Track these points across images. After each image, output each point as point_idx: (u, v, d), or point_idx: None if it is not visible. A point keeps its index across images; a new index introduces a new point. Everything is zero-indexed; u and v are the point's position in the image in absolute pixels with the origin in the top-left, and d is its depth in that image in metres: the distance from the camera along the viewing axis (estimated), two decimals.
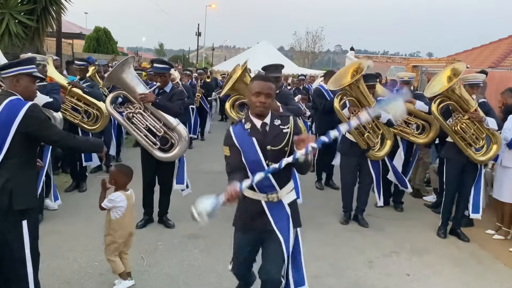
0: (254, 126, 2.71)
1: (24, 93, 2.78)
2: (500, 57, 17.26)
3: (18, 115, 2.65)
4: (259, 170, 2.50)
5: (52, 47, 13.25)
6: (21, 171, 2.72)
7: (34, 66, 2.83)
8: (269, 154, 2.66)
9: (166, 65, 4.69)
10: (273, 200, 2.75)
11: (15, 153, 2.69)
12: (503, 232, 5.03)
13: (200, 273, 3.80)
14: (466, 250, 4.69)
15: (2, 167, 2.66)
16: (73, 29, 20.06)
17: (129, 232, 3.45)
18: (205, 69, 14.39)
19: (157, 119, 4.46)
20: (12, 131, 2.64)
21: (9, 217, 2.67)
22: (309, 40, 47.25)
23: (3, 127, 2.65)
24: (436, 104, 4.92)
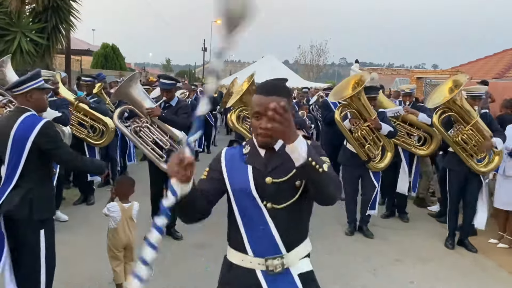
0: (254, 152, 1.86)
1: (37, 107, 2.93)
2: (504, 68, 17.34)
3: (33, 131, 2.79)
4: (253, 214, 1.79)
5: (61, 64, 13.55)
6: (39, 183, 2.87)
7: (42, 79, 2.97)
8: (269, 190, 1.76)
9: (172, 81, 4.83)
10: (274, 269, 1.78)
11: (32, 166, 2.83)
12: (506, 241, 5.06)
13: (208, 281, 3.87)
14: (470, 259, 4.72)
15: (21, 180, 2.81)
16: (81, 45, 20.46)
17: (123, 244, 3.51)
18: None
19: (163, 133, 4.58)
20: (28, 147, 2.78)
21: (28, 226, 2.81)
22: (313, 53, 47.62)
23: (20, 143, 2.79)
24: (437, 115, 5.00)
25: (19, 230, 2.82)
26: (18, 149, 2.79)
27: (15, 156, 2.80)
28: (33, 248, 2.83)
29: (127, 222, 3.53)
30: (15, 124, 2.80)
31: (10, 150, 2.81)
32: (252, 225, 1.81)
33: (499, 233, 5.20)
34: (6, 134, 2.81)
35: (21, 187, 2.81)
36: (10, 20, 8.22)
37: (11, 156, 2.81)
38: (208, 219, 6.25)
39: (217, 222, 5.76)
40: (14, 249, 2.87)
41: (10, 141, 2.80)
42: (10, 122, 2.83)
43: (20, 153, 2.79)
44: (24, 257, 2.85)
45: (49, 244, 2.90)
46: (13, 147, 2.80)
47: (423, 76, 16.21)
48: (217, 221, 5.95)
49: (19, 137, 2.79)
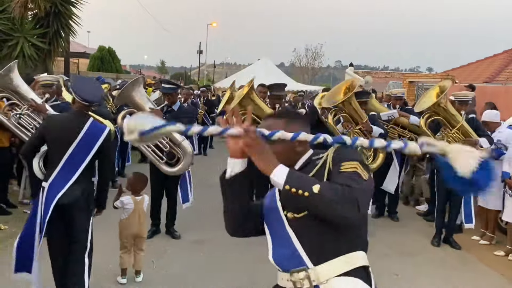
0: None
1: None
2: (494, 72, 17.70)
3: (102, 135, 3.24)
4: (273, 220, 1.71)
5: (59, 67, 13.75)
6: (90, 179, 3.36)
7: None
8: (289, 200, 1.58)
9: (173, 86, 5.04)
10: (301, 286, 1.59)
11: (90, 165, 3.26)
12: (488, 238, 5.37)
13: (206, 274, 4.14)
14: (453, 254, 5.02)
15: (82, 175, 3.21)
16: (77, 48, 20.64)
17: (133, 233, 3.85)
18: (208, 86, 14.86)
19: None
20: (95, 149, 3.21)
21: (85, 216, 3.28)
22: (308, 56, 48.07)
23: (88, 144, 3.20)
24: (424, 119, 5.29)
25: (77, 219, 3.23)
26: (85, 149, 3.18)
27: (79, 155, 3.18)
28: (85, 233, 3.28)
29: (139, 214, 3.85)
30: (83, 127, 3.19)
31: (75, 148, 3.16)
32: (276, 238, 1.70)
33: (481, 230, 5.50)
34: (73, 134, 3.17)
35: (81, 182, 3.20)
36: (13, 25, 8.46)
37: (74, 154, 3.17)
38: (205, 216, 6.64)
39: (214, 219, 6.07)
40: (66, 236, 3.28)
41: (77, 141, 3.16)
42: (78, 124, 3.20)
43: (87, 153, 3.19)
44: (78, 241, 3.26)
45: (92, 229, 3.36)
46: (79, 146, 3.17)
47: (415, 80, 16.55)
48: (213, 218, 6.29)
49: (89, 139, 3.19)
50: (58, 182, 3.17)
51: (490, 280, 4.40)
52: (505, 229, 5.29)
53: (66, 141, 3.17)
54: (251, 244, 5.06)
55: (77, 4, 9.19)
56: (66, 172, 3.18)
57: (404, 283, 4.18)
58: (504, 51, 19.68)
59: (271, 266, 1.97)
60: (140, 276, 3.93)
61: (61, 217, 3.22)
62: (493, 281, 4.38)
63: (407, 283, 4.19)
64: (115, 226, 4.30)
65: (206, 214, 5.91)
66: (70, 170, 3.18)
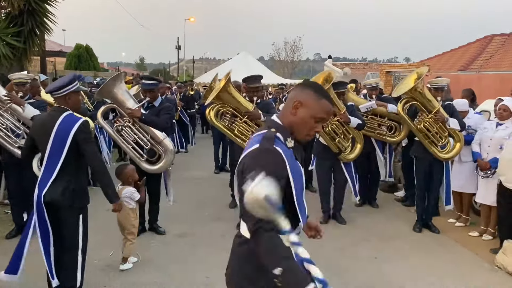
0: (297, 146, 1.89)
1: (74, 107, 3.33)
2: (468, 61, 18.10)
3: (73, 127, 3.19)
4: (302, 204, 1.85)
5: (35, 66, 13.52)
6: (78, 175, 3.30)
7: (77, 83, 3.36)
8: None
9: (154, 81, 4.95)
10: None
11: (71, 160, 3.22)
12: (463, 220, 5.59)
13: (190, 266, 4.22)
14: (430, 236, 5.22)
15: (62, 172, 3.20)
16: (53, 46, 20.21)
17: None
18: (190, 81, 14.80)
19: (145, 132, 4.66)
20: (69, 141, 3.17)
21: (70, 214, 3.25)
22: (287, 49, 48.21)
23: (61, 138, 3.18)
24: (401, 104, 5.40)
25: (61, 216, 3.24)
26: (60, 144, 3.18)
27: (56, 150, 3.18)
28: (73, 231, 3.26)
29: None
30: (57, 121, 3.18)
31: (52, 145, 3.19)
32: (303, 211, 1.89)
33: (457, 213, 5.72)
34: (48, 131, 3.19)
35: (62, 178, 3.19)
36: None
37: (52, 151, 3.19)
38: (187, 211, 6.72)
39: (195, 214, 6.19)
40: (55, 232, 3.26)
41: (52, 137, 3.17)
42: (52, 120, 3.20)
43: (62, 147, 3.18)
44: (65, 239, 3.27)
45: (85, 227, 3.33)
46: (54, 142, 3.18)
47: (392, 70, 16.85)
48: (197, 212, 6.38)
49: (61, 133, 3.18)
50: (43, 180, 3.21)
51: (465, 259, 4.60)
52: (479, 210, 5.51)
53: (46, 138, 3.20)
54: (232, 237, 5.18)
55: (52, 1, 9.03)
56: (49, 169, 3.21)
57: (383, 264, 4.34)
58: (477, 39, 20.12)
59: None
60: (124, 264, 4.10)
61: (48, 215, 3.23)
62: (468, 260, 4.58)
63: (386, 264, 4.35)
64: (101, 223, 4.36)
65: (189, 209, 6.00)
66: (52, 167, 3.20)
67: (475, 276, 4.19)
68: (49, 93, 3.36)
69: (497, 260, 4.38)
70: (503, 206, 4.68)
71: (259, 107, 5.15)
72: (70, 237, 3.28)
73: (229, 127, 5.14)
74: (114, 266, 4.15)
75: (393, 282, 3.94)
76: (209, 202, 6.37)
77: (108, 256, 4.38)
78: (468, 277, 4.15)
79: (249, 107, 5.07)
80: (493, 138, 5.01)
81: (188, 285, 3.85)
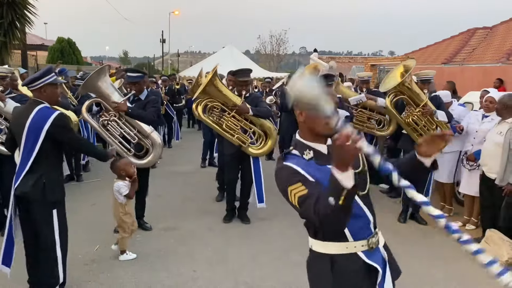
0: (318, 152, 1.91)
1: (50, 100, 3.25)
2: (452, 53, 18.33)
3: (47, 121, 3.11)
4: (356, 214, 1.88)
5: (16, 60, 13.27)
6: (51, 168, 3.23)
7: (54, 75, 3.28)
8: (362, 199, 1.96)
9: (139, 74, 4.86)
10: (374, 246, 1.96)
11: (45, 153, 3.16)
12: (446, 210, 5.68)
13: (176, 259, 4.21)
14: (415, 227, 5.30)
15: (35, 165, 3.14)
16: (34, 40, 19.85)
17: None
18: (173, 75, 14.65)
19: (131, 126, 4.56)
20: (42, 135, 3.11)
21: (42, 207, 3.17)
22: (273, 43, 48.15)
23: (35, 132, 3.12)
24: (389, 98, 5.44)
25: (34, 210, 3.16)
26: (33, 138, 3.12)
27: (29, 144, 3.13)
28: (47, 226, 3.19)
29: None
30: (30, 114, 3.12)
31: (25, 138, 3.14)
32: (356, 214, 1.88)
33: (441, 203, 5.81)
34: (22, 124, 3.14)
35: (34, 171, 3.14)
36: None
37: (26, 144, 3.14)
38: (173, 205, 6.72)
39: (182, 208, 6.18)
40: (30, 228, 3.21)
41: (26, 130, 3.12)
42: (26, 113, 3.13)
43: (35, 141, 3.11)
44: (39, 234, 3.20)
45: (61, 222, 3.27)
46: (28, 135, 3.13)
47: (377, 63, 17.00)
48: (181, 207, 6.37)
49: (34, 127, 3.12)
50: (18, 174, 3.18)
51: (449, 248, 4.67)
52: (463, 201, 5.61)
53: (21, 131, 3.16)
54: (219, 230, 5.22)
55: None
56: (23, 162, 3.17)
57: None
58: (460, 33, 20.39)
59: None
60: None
61: (22, 209, 3.20)
62: (451, 249, 4.66)
63: None
64: (85, 218, 4.30)
65: (175, 203, 5.97)
66: (26, 160, 3.15)
67: (458, 264, 4.27)
68: (25, 85, 3.30)
69: None
70: (485, 196, 4.76)
71: (248, 101, 5.11)
72: (44, 232, 3.20)
73: (217, 121, 5.10)
74: (99, 261, 4.12)
75: None
76: (195, 196, 6.35)
77: (93, 251, 4.34)
78: (451, 266, 4.22)
79: (237, 101, 5.02)
80: (479, 130, 5.08)
81: (174, 279, 3.84)
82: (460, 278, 3.99)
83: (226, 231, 5.02)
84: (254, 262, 4.19)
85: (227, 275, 3.89)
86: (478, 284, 3.87)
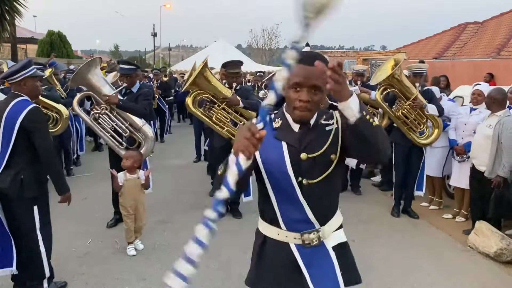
0: (286, 125, 1.77)
1: (31, 93, 3.17)
2: (443, 48, 18.43)
3: (21, 114, 3.01)
4: (286, 190, 1.74)
5: (6, 53, 13.10)
6: (29, 164, 3.10)
7: (33, 68, 3.19)
8: (304, 166, 1.72)
9: (131, 66, 4.80)
10: (311, 243, 1.78)
11: (22, 148, 3.06)
12: (436, 203, 5.75)
13: (170, 251, 4.22)
14: (406, 220, 5.36)
15: (12, 161, 3.05)
16: (24, 33, 19.62)
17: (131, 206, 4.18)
18: (164, 68, 14.57)
19: (123, 120, 4.51)
20: (16, 129, 3.01)
21: (21, 204, 3.08)
22: (265, 37, 48.03)
23: (9, 125, 3.03)
24: (379, 91, 5.42)
25: (12, 207, 3.08)
26: (8, 131, 3.03)
27: (5, 138, 3.04)
28: (28, 223, 3.10)
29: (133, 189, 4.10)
30: (7, 107, 3.04)
31: (2, 132, 3.05)
32: (286, 201, 1.77)
33: (430, 197, 5.87)
34: (2, 115, 3.04)
35: (11, 167, 3.05)
36: None
37: (3, 138, 3.06)
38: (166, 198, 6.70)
39: (176, 201, 6.17)
40: (12, 224, 3.11)
41: (2, 124, 3.04)
42: (4, 106, 3.05)
43: (10, 135, 3.03)
44: (21, 232, 3.11)
45: (43, 219, 3.18)
46: (4, 129, 3.05)
47: (369, 58, 17.04)
48: (176, 200, 6.36)
49: (9, 120, 3.03)
50: None
51: (439, 240, 4.75)
52: (453, 194, 5.68)
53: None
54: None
55: None
56: (0, 158, 3.08)
57: (361, 246, 4.43)
58: (451, 27, 20.49)
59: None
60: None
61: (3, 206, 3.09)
62: (442, 241, 4.73)
63: (363, 246, 4.45)
64: (78, 212, 4.28)
65: (167, 197, 5.97)
66: (3, 155, 3.06)
67: (449, 256, 4.33)
68: (4, 79, 3.24)
69: (469, 241, 4.54)
70: (475, 188, 4.82)
71: (238, 93, 5.10)
72: (25, 229, 3.12)
73: (207, 114, 5.08)
74: (92, 254, 4.13)
75: (368, 263, 4.01)
76: (188, 190, 6.35)
77: (86, 245, 4.34)
78: (441, 258, 4.28)
79: (227, 93, 5.01)
80: (467, 123, 5.14)
81: (168, 271, 3.83)
82: (450, 271, 4.04)
83: (219, 225, 5.02)
84: (246, 254, 4.20)
85: (220, 267, 3.90)
86: (467, 276, 3.93)
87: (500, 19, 17.62)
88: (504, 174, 4.28)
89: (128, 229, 4.11)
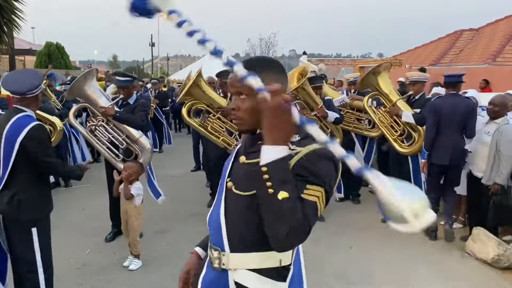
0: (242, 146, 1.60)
1: (37, 107, 3.05)
2: (439, 55, 18.56)
3: (22, 133, 2.80)
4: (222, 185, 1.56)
5: (4, 65, 13.17)
6: (30, 185, 2.89)
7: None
8: (238, 170, 1.51)
9: (128, 78, 4.77)
10: (213, 262, 1.52)
11: (22, 167, 2.85)
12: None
13: (169, 261, 4.21)
14: None
15: (10, 181, 2.85)
16: (22, 45, 19.76)
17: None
18: (161, 78, 14.61)
19: (120, 131, 4.46)
20: (16, 148, 2.80)
21: (19, 226, 2.88)
22: (262, 46, 48.30)
23: (10, 144, 2.82)
24: (366, 98, 5.64)
25: (10, 229, 2.91)
26: (8, 150, 2.83)
27: (6, 156, 2.84)
28: (26, 246, 2.89)
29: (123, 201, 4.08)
30: (7, 125, 2.83)
31: (3, 149, 2.86)
32: (215, 203, 1.59)
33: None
34: (1, 133, 2.85)
35: (10, 187, 2.85)
36: None
37: (4, 155, 2.86)
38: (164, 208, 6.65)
39: (174, 210, 6.15)
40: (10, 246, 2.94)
41: (2, 142, 2.84)
42: (6, 121, 2.86)
43: (10, 154, 2.82)
44: (19, 254, 2.92)
45: (43, 242, 2.96)
46: (4, 148, 2.85)
47: (366, 65, 17.11)
48: (174, 209, 6.35)
49: (9, 138, 2.83)
50: None
51: (437, 247, 4.75)
52: None
53: None
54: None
55: None
56: (1, 177, 2.87)
57: (359, 253, 4.46)
58: (447, 34, 20.67)
59: None
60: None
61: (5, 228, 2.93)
62: (440, 248, 4.74)
63: (362, 253, 4.47)
64: (76, 223, 4.27)
65: (165, 207, 5.94)
66: (3, 174, 2.86)
67: (446, 263, 4.34)
68: (23, 95, 2.95)
69: (467, 247, 4.54)
70: (472, 195, 4.84)
71: None
72: (22, 252, 2.90)
73: (202, 124, 5.10)
74: (90, 265, 4.11)
75: (366, 270, 4.03)
76: (187, 200, 6.35)
77: (84, 255, 4.33)
78: (439, 264, 4.29)
79: (222, 103, 5.04)
80: None
81: (167, 281, 3.84)
82: (448, 278, 4.04)
83: None
84: None
85: None
86: (465, 282, 3.93)
87: (495, 26, 17.78)
88: (501, 181, 4.30)
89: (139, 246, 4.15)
